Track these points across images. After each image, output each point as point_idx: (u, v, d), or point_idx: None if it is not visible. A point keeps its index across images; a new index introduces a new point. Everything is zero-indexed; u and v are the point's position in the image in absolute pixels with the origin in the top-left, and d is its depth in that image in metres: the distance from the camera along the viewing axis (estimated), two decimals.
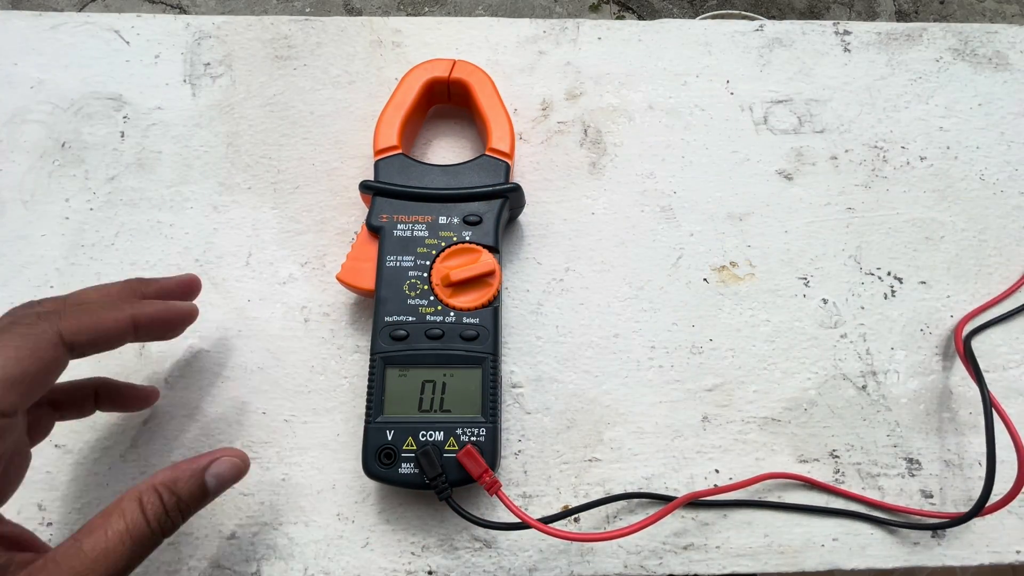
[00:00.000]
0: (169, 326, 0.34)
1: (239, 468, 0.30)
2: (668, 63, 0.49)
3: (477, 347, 0.37)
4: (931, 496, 0.39)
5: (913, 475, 0.39)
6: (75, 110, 0.46)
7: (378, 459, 0.35)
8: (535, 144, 0.46)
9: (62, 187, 0.44)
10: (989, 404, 0.36)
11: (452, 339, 0.37)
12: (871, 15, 1.62)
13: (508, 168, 0.42)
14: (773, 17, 1.60)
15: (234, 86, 0.47)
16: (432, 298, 0.38)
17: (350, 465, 0.38)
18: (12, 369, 0.26)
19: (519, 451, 0.39)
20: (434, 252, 0.39)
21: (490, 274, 0.38)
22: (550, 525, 0.34)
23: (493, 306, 0.38)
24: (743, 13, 1.53)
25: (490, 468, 0.35)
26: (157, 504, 0.27)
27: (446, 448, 0.35)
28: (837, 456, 0.40)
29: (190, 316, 0.35)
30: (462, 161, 0.42)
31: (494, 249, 0.39)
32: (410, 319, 0.38)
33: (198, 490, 0.29)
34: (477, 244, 0.39)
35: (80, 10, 1.54)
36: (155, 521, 0.27)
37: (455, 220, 0.40)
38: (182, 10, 1.56)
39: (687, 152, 0.47)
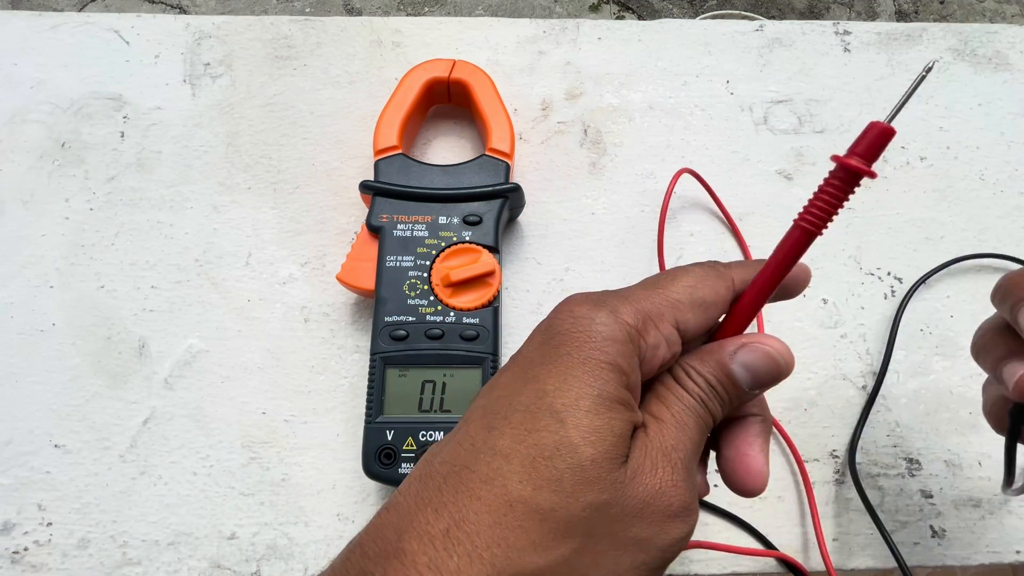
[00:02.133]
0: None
1: (771, 360, 0.24)
2: (668, 63, 0.49)
3: (477, 347, 0.37)
4: (931, 496, 0.39)
5: (913, 475, 0.39)
6: (75, 110, 0.46)
7: (378, 459, 0.35)
8: (535, 144, 0.46)
9: (62, 187, 0.44)
10: None
11: (452, 339, 0.37)
12: (871, 15, 1.62)
13: (508, 168, 0.42)
14: (773, 17, 1.60)
15: (234, 86, 0.47)
16: (432, 298, 0.38)
17: (350, 465, 0.38)
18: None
19: None
20: (434, 252, 0.39)
21: (490, 274, 0.38)
22: None
23: (493, 306, 0.38)
24: (743, 13, 1.53)
25: None
26: (695, 382, 0.24)
27: None
28: (837, 456, 0.40)
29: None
30: (462, 161, 0.42)
31: (494, 249, 0.39)
32: (410, 319, 0.38)
33: (726, 378, 0.24)
34: (477, 244, 0.39)
35: (80, 10, 1.54)
36: (698, 399, 0.24)
37: (455, 220, 0.40)
38: (182, 10, 1.56)
39: (687, 152, 0.47)
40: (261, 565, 0.36)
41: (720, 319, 0.25)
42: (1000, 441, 0.30)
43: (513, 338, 0.41)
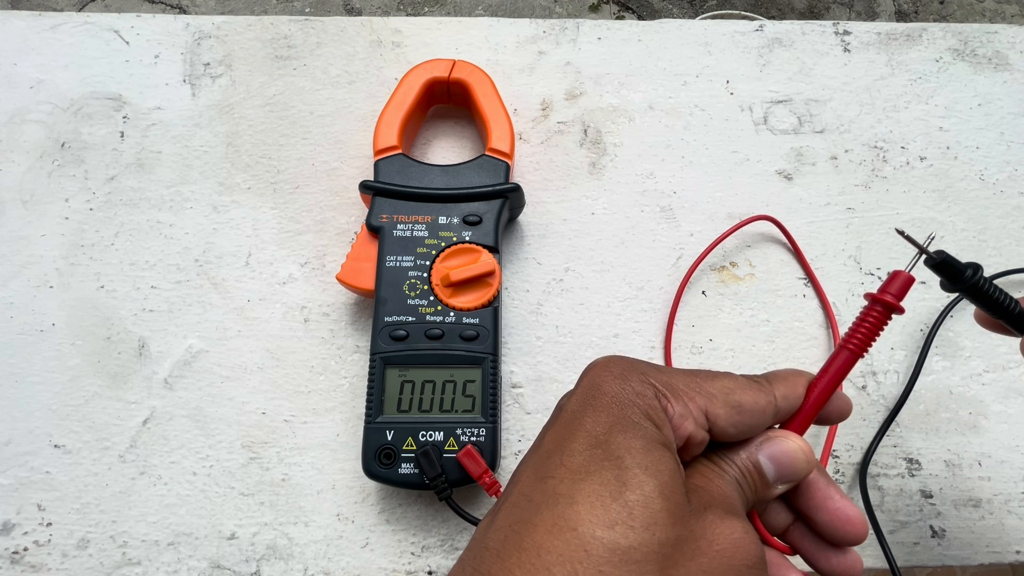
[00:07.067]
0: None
1: (791, 455, 0.25)
2: (668, 63, 0.49)
3: (477, 347, 0.37)
4: (931, 496, 0.39)
5: (913, 475, 0.39)
6: (75, 110, 0.46)
7: (378, 459, 0.35)
8: (535, 144, 0.46)
9: (62, 187, 0.44)
10: None
11: (452, 339, 0.37)
12: (871, 15, 1.62)
13: (508, 168, 0.42)
14: (773, 17, 1.60)
15: (234, 86, 0.47)
16: (432, 298, 0.38)
17: (350, 465, 0.38)
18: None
19: (519, 451, 0.39)
20: (434, 252, 0.39)
21: (490, 274, 0.38)
22: None
23: (493, 306, 0.38)
24: (743, 13, 1.53)
25: (490, 468, 0.35)
26: (729, 464, 0.25)
27: (446, 448, 0.35)
28: (837, 456, 0.39)
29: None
30: (462, 161, 0.42)
31: (494, 249, 0.39)
32: (410, 319, 0.38)
33: (752, 466, 0.25)
34: (477, 244, 0.39)
35: (80, 10, 1.54)
36: (733, 478, 0.24)
37: (455, 220, 0.40)
38: (182, 10, 1.56)
39: (687, 152, 0.47)
40: (261, 565, 0.36)
41: (763, 429, 0.26)
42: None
43: (513, 338, 0.41)
